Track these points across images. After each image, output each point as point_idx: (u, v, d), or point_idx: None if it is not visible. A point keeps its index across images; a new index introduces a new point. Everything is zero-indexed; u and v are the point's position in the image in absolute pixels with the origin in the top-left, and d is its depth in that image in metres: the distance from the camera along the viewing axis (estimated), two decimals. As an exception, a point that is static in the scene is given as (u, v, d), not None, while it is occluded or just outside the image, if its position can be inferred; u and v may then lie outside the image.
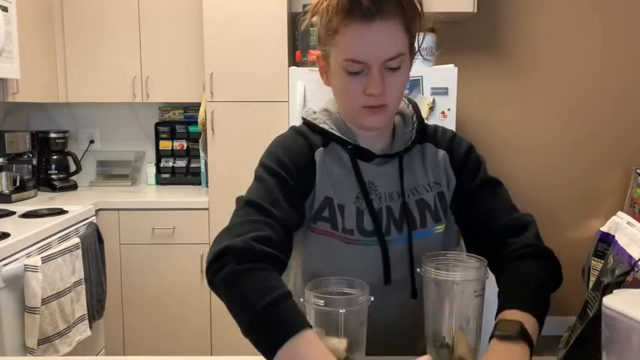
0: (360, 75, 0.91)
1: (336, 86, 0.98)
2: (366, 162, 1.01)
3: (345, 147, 1.01)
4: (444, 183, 1.05)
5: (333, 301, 0.83)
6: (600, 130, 3.33)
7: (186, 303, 2.84)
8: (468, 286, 0.87)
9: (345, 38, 0.90)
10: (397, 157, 1.03)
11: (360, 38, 0.88)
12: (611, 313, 0.69)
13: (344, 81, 0.93)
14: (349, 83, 0.93)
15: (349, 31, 0.89)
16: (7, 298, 1.87)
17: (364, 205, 1.00)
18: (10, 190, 2.71)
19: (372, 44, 0.89)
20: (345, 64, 0.91)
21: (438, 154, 1.06)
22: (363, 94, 0.92)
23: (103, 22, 2.97)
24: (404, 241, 1.01)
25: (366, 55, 0.89)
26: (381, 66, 0.90)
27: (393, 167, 1.02)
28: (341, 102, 1.00)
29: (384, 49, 0.89)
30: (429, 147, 1.06)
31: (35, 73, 2.76)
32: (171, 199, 2.87)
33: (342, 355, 0.84)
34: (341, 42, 0.90)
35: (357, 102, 0.94)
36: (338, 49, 0.92)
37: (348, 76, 0.92)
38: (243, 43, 2.74)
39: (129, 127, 3.34)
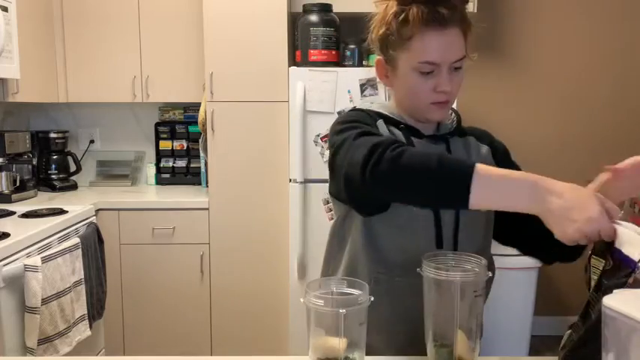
0: (430, 75, 1.05)
1: (404, 86, 1.10)
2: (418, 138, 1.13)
3: (397, 127, 1.12)
4: None
5: (333, 301, 0.83)
6: (600, 129, 3.33)
7: (186, 303, 2.84)
8: (468, 286, 0.87)
9: (422, 43, 1.04)
10: (444, 140, 1.14)
11: (435, 43, 1.03)
12: (611, 313, 0.69)
13: (415, 81, 1.06)
14: (420, 83, 1.06)
15: (427, 36, 1.03)
16: (7, 298, 1.87)
17: None
18: (10, 190, 2.72)
19: (445, 48, 1.04)
20: (419, 66, 1.05)
21: (481, 147, 1.19)
22: (433, 91, 1.06)
23: (103, 22, 2.97)
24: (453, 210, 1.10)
25: (439, 57, 1.04)
26: (449, 66, 1.05)
27: (441, 147, 1.14)
28: (409, 100, 1.11)
29: (453, 52, 1.05)
30: (471, 140, 1.20)
31: (35, 73, 2.76)
32: (171, 199, 2.87)
33: (342, 355, 0.84)
34: (416, 47, 1.04)
35: (427, 99, 1.07)
36: (411, 54, 1.05)
37: (419, 77, 1.06)
38: (243, 43, 2.74)
39: (129, 127, 3.34)
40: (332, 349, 0.84)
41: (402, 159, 0.88)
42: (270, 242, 2.82)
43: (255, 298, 2.84)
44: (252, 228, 2.81)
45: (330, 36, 2.66)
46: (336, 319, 0.82)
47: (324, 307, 0.83)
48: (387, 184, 0.90)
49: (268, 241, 2.82)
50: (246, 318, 2.85)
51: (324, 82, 2.60)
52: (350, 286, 0.89)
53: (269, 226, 2.80)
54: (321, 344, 0.86)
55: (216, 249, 2.82)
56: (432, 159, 0.87)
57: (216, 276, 2.83)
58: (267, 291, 2.84)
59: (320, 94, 2.61)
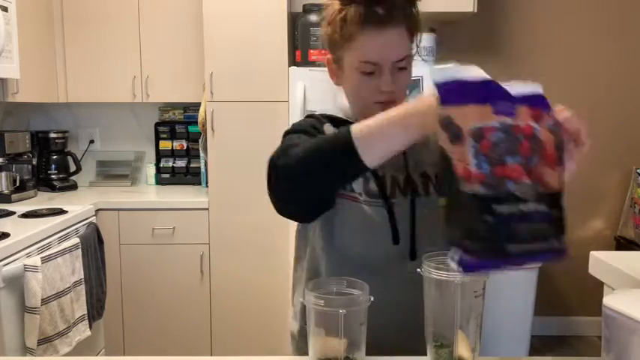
0: (372, 75, 1.05)
1: (349, 86, 1.11)
2: None
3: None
4: None
5: (333, 301, 0.84)
6: (600, 130, 3.33)
7: (186, 303, 2.84)
8: (468, 286, 0.87)
9: (361, 42, 1.03)
10: None
11: (374, 42, 1.03)
12: (611, 313, 0.69)
13: (358, 81, 1.06)
14: (363, 83, 1.06)
15: (365, 37, 1.02)
16: (7, 298, 1.87)
17: (370, 173, 1.08)
18: (10, 190, 2.72)
19: (385, 47, 1.03)
20: (360, 65, 1.04)
21: None
22: (376, 91, 1.05)
23: (103, 22, 2.97)
24: (408, 204, 1.10)
25: (379, 57, 1.03)
26: (391, 66, 1.04)
27: None
28: (354, 100, 1.12)
29: (395, 51, 1.03)
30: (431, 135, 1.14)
31: (35, 73, 2.76)
32: (171, 199, 2.87)
33: (342, 355, 0.84)
34: (357, 46, 1.04)
35: (370, 98, 1.07)
36: (353, 53, 1.05)
37: (362, 76, 1.05)
38: (243, 43, 2.74)
39: (129, 127, 3.34)
40: (332, 349, 0.84)
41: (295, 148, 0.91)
42: (270, 242, 2.82)
43: (255, 298, 2.84)
44: (252, 228, 2.81)
45: (330, 36, 2.66)
46: (336, 319, 0.82)
47: (324, 307, 0.83)
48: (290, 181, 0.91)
49: (268, 241, 2.82)
50: (246, 318, 2.85)
51: (324, 82, 2.59)
52: (350, 286, 0.89)
53: (269, 226, 2.80)
54: (321, 344, 0.86)
55: (216, 249, 2.82)
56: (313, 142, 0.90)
57: (216, 276, 2.83)
58: (267, 291, 2.84)
59: (320, 94, 2.61)
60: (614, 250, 3.32)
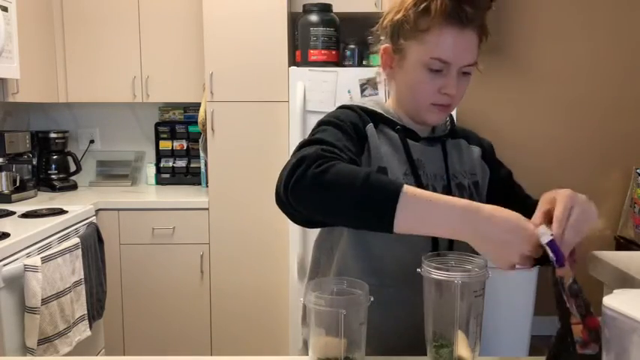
0: (438, 74, 1.00)
1: (407, 81, 1.05)
2: (414, 141, 1.09)
3: (393, 128, 1.09)
4: (479, 173, 1.17)
5: (333, 301, 0.83)
6: (600, 130, 3.33)
7: (186, 303, 2.84)
8: (468, 286, 0.87)
9: (438, 38, 0.98)
10: (440, 142, 1.12)
11: (452, 41, 0.98)
12: (611, 313, 0.69)
13: (421, 77, 1.01)
14: (426, 79, 1.01)
15: (445, 32, 0.98)
16: (7, 298, 1.87)
17: (412, 180, 1.06)
18: (10, 190, 2.72)
19: (461, 48, 0.99)
20: (429, 61, 0.99)
21: (471, 149, 1.18)
22: (437, 92, 1.02)
23: (103, 23, 2.97)
24: None
25: (454, 56, 0.99)
26: (459, 69, 1.01)
27: (437, 150, 1.11)
28: (409, 96, 1.06)
29: (468, 54, 1.00)
30: (462, 142, 1.18)
31: (35, 73, 2.76)
32: (171, 199, 2.87)
33: (342, 355, 0.84)
34: (432, 41, 0.99)
35: (429, 98, 1.03)
36: (424, 46, 1.00)
37: (427, 73, 1.01)
38: (243, 43, 2.74)
39: (129, 127, 3.34)
40: (332, 349, 0.84)
41: (325, 176, 0.83)
42: (270, 242, 2.82)
43: (255, 298, 2.84)
44: (252, 228, 2.81)
45: (330, 36, 2.66)
46: (336, 319, 0.82)
47: (324, 307, 0.83)
48: (308, 203, 0.86)
49: (268, 241, 2.82)
50: (246, 318, 2.85)
51: (324, 82, 2.60)
52: (350, 286, 0.89)
53: (269, 226, 2.80)
54: (321, 344, 0.86)
55: (216, 249, 2.82)
56: (359, 176, 0.82)
57: (216, 276, 2.83)
58: (267, 291, 2.84)
59: (320, 94, 2.61)
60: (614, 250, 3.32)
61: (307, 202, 0.86)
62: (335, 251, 1.09)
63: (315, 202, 0.85)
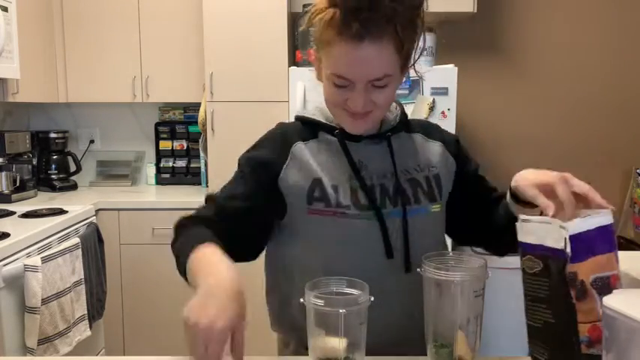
0: (344, 88, 0.96)
1: (324, 89, 1.04)
2: (355, 142, 1.06)
3: (332, 132, 1.07)
4: (440, 167, 1.11)
5: (333, 301, 0.83)
6: (600, 130, 3.33)
7: (186, 303, 2.84)
8: (468, 286, 0.87)
9: (335, 53, 0.94)
10: (385, 139, 1.08)
11: (347, 57, 0.92)
12: (611, 313, 0.69)
13: (328, 89, 1.00)
14: (334, 94, 0.99)
15: (338, 48, 0.93)
16: (7, 298, 1.87)
17: (357, 183, 1.03)
18: (10, 190, 2.71)
19: (359, 64, 0.92)
20: (331, 77, 0.96)
21: (429, 143, 1.13)
22: (345, 103, 0.99)
23: (103, 22, 2.97)
24: (399, 214, 1.03)
25: (351, 74, 0.93)
26: (366, 84, 0.94)
27: (382, 148, 1.07)
28: (327, 104, 1.06)
29: (370, 69, 0.93)
30: (417, 136, 1.13)
31: (35, 73, 2.76)
32: (171, 199, 2.87)
33: (342, 355, 0.84)
34: (331, 55, 0.95)
35: (340, 109, 1.01)
36: (328, 61, 0.96)
37: (333, 87, 0.98)
38: (243, 43, 2.74)
39: (129, 127, 3.34)
40: (332, 349, 0.84)
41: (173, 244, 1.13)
42: (270, 242, 2.81)
43: (255, 298, 2.83)
44: (252, 228, 2.81)
45: (330, 36, 2.66)
46: (336, 319, 0.82)
47: (324, 307, 0.83)
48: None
49: (268, 241, 2.81)
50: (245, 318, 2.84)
51: (324, 82, 2.60)
52: (350, 286, 0.89)
53: (269, 226, 2.80)
54: (321, 344, 0.86)
55: (216, 249, 2.82)
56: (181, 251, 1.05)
57: (216, 276, 2.83)
58: (267, 291, 2.83)
59: (320, 94, 2.60)
60: (614, 250, 3.31)
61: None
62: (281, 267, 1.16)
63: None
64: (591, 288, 0.75)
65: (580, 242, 0.76)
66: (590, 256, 0.76)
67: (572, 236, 0.76)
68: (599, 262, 0.77)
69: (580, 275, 0.76)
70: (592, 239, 0.77)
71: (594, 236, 0.77)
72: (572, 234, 0.76)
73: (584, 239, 0.76)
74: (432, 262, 0.89)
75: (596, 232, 0.77)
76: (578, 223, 0.77)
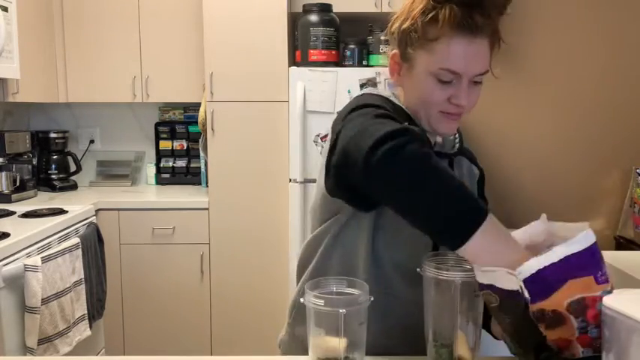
0: (448, 84, 0.96)
1: (416, 89, 1.00)
2: None
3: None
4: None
5: (333, 301, 0.83)
6: (600, 129, 3.33)
7: (186, 303, 2.84)
8: (469, 287, 0.87)
9: (448, 48, 0.94)
10: (447, 158, 1.07)
11: (462, 51, 0.94)
12: (611, 313, 0.69)
13: (431, 87, 0.97)
14: (436, 90, 0.97)
15: (454, 42, 0.94)
16: (7, 298, 1.87)
17: None
18: (10, 190, 2.71)
19: (471, 59, 0.95)
20: (439, 72, 0.96)
21: (472, 170, 1.13)
22: (447, 101, 0.98)
23: (103, 23, 2.97)
24: None
25: (463, 67, 0.95)
26: (470, 79, 0.97)
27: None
28: (419, 104, 1.01)
29: (479, 64, 0.97)
30: (464, 161, 1.12)
31: (35, 73, 2.76)
32: (171, 199, 2.87)
33: (342, 355, 0.84)
34: (441, 51, 0.95)
35: (438, 107, 0.99)
36: (433, 57, 0.96)
37: (436, 83, 0.97)
38: (243, 43, 2.74)
39: (129, 127, 3.34)
40: (332, 349, 0.84)
41: (431, 159, 0.77)
42: (270, 242, 2.82)
43: (255, 298, 2.84)
44: (252, 228, 2.81)
45: (330, 36, 2.66)
46: (336, 319, 0.82)
47: (324, 307, 0.83)
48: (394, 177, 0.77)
49: (268, 240, 2.82)
50: (246, 318, 2.85)
51: (324, 82, 2.60)
52: (350, 286, 0.89)
53: (269, 226, 2.80)
54: (321, 344, 0.86)
55: (216, 249, 2.82)
56: (456, 178, 0.77)
57: (216, 276, 2.83)
58: (267, 291, 2.84)
59: (320, 94, 2.61)
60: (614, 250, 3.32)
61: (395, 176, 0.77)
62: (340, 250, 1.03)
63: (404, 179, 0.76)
64: (567, 312, 0.72)
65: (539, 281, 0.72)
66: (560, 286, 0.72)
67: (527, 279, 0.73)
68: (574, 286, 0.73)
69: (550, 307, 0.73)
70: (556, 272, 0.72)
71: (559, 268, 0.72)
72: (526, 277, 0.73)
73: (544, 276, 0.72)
74: (432, 262, 0.89)
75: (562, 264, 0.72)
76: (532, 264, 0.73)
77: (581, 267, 0.73)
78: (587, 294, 0.72)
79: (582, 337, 0.73)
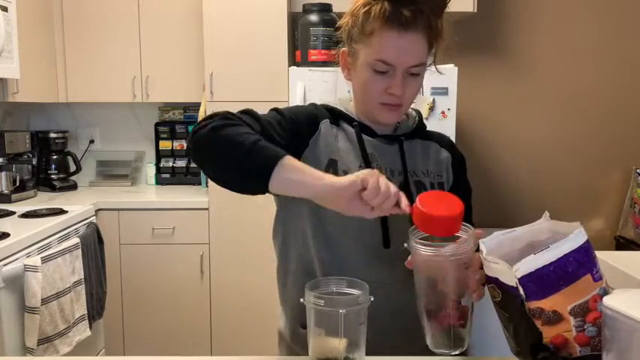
0: (384, 75, 1.05)
1: (358, 82, 1.10)
2: (370, 137, 1.13)
3: (351, 124, 1.14)
4: (444, 178, 1.18)
5: (333, 301, 0.83)
6: (600, 129, 3.33)
7: (186, 303, 2.84)
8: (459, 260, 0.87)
9: (380, 41, 1.03)
10: (398, 141, 1.14)
11: (393, 43, 1.02)
12: (611, 313, 0.69)
13: (369, 78, 1.06)
14: (374, 81, 1.06)
15: (385, 35, 1.02)
16: (7, 298, 1.87)
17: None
18: (10, 190, 2.71)
19: (403, 51, 1.03)
20: (374, 63, 1.04)
21: (441, 153, 1.20)
22: (384, 92, 1.06)
23: (103, 22, 2.97)
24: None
25: (395, 59, 1.03)
26: (404, 71, 1.04)
27: (394, 148, 1.14)
28: (361, 96, 1.12)
29: (411, 56, 1.03)
30: (433, 145, 1.20)
31: (35, 73, 2.76)
32: (171, 199, 2.87)
33: (342, 355, 0.84)
34: (375, 43, 1.04)
35: (377, 98, 1.07)
36: (370, 50, 1.05)
37: (374, 74, 1.05)
38: (243, 43, 2.74)
39: (129, 127, 3.34)
40: (332, 349, 0.84)
41: (221, 131, 0.93)
42: (270, 242, 2.80)
43: (255, 298, 2.83)
44: (252, 228, 2.81)
45: (330, 36, 2.66)
46: (336, 319, 0.82)
47: (324, 307, 0.83)
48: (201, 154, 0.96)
49: (268, 240, 2.80)
50: (246, 318, 2.84)
51: (324, 82, 2.60)
52: (350, 286, 0.89)
53: (269, 226, 2.79)
54: (321, 344, 0.86)
55: (216, 249, 2.82)
56: (250, 139, 0.92)
57: (216, 276, 2.83)
58: (267, 291, 2.83)
59: (320, 94, 2.61)
60: (614, 250, 3.32)
61: (201, 153, 0.96)
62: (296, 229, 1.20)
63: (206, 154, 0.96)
64: (568, 314, 0.73)
65: (536, 280, 0.73)
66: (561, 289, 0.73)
67: (523, 277, 0.74)
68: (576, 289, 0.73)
69: (550, 307, 0.73)
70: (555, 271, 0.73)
71: (557, 267, 0.73)
72: (523, 275, 0.74)
73: (541, 275, 0.73)
74: (418, 237, 0.89)
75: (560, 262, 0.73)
76: (530, 261, 0.73)
77: (579, 265, 0.74)
78: (589, 295, 0.73)
79: (579, 336, 0.74)
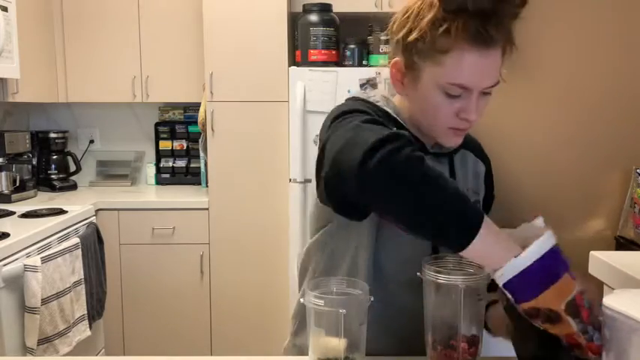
0: (456, 98, 0.90)
1: (423, 102, 0.94)
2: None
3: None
4: (481, 194, 1.10)
5: (333, 301, 0.83)
6: (600, 129, 3.32)
7: (186, 303, 2.84)
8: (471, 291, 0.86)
9: (460, 63, 0.87)
10: (448, 157, 1.03)
11: (474, 65, 0.87)
12: (611, 313, 0.69)
13: (438, 101, 0.91)
14: (444, 104, 0.91)
15: (466, 56, 0.87)
16: (7, 298, 1.87)
17: None
18: (10, 190, 2.71)
19: (483, 73, 0.89)
20: (449, 87, 0.89)
21: (478, 166, 1.10)
22: (456, 116, 0.91)
23: (103, 22, 2.97)
24: None
25: (474, 82, 0.88)
26: (480, 92, 0.90)
27: (444, 167, 1.03)
28: (424, 118, 0.96)
29: (490, 77, 0.90)
30: (470, 156, 1.09)
31: (35, 73, 2.76)
32: (171, 199, 2.87)
33: (342, 355, 0.84)
34: (451, 65, 0.87)
35: (447, 123, 0.93)
36: (442, 70, 0.88)
37: (444, 98, 0.90)
38: (243, 43, 2.74)
39: (129, 127, 3.34)
40: (332, 349, 0.84)
41: (423, 164, 0.74)
42: (270, 242, 2.82)
43: (255, 298, 2.83)
44: (252, 228, 2.81)
45: (330, 36, 2.66)
46: (336, 319, 0.82)
47: (324, 307, 0.83)
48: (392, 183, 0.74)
49: (268, 241, 2.82)
50: (246, 318, 2.84)
51: (324, 82, 2.60)
52: (350, 286, 0.89)
53: (269, 226, 2.80)
54: (321, 344, 0.86)
55: (216, 249, 2.82)
56: (451, 182, 0.76)
57: (216, 276, 2.83)
58: (267, 291, 2.84)
59: (320, 94, 2.60)
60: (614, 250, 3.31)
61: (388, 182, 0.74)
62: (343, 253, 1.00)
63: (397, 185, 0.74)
64: (565, 314, 0.73)
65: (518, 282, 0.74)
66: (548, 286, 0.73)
67: (505, 284, 0.75)
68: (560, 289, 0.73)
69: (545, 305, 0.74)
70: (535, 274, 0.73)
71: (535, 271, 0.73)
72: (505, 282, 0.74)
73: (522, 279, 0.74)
74: (432, 266, 0.88)
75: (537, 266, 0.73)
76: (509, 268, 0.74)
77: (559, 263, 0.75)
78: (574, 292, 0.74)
79: (591, 345, 0.74)
